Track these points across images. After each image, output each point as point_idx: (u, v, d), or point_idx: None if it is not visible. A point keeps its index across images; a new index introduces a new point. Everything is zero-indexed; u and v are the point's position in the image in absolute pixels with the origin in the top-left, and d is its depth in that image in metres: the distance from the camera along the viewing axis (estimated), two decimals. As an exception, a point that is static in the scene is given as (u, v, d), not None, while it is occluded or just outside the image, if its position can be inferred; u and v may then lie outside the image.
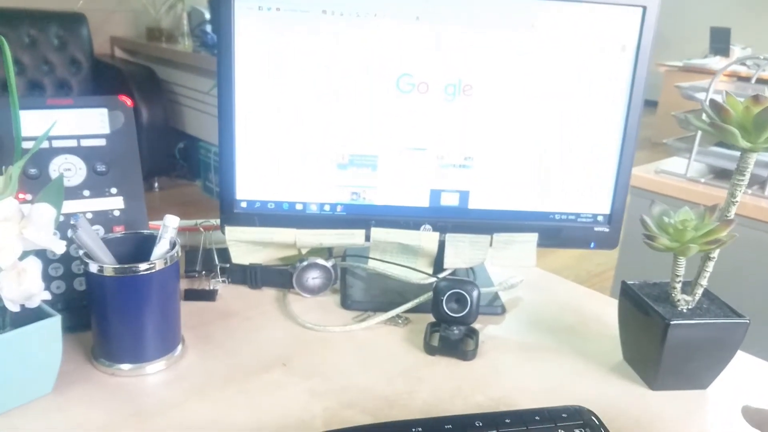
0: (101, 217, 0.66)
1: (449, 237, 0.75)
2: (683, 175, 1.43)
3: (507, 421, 0.49)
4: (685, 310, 0.60)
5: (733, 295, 0.63)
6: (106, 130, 0.67)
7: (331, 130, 0.70)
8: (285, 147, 0.71)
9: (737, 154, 0.57)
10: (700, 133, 1.41)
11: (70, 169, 0.64)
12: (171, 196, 3.17)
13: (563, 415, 0.51)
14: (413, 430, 0.48)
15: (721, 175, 1.46)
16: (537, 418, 0.50)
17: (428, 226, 0.75)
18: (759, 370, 0.67)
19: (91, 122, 0.66)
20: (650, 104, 5.47)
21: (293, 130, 0.70)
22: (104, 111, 0.67)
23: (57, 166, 0.64)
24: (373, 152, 0.71)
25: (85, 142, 0.65)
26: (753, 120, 0.53)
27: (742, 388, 0.62)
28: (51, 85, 2.95)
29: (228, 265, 0.75)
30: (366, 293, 0.76)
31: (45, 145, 0.63)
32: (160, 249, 0.59)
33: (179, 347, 0.62)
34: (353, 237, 0.74)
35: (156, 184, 3.25)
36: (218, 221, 0.74)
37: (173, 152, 3.20)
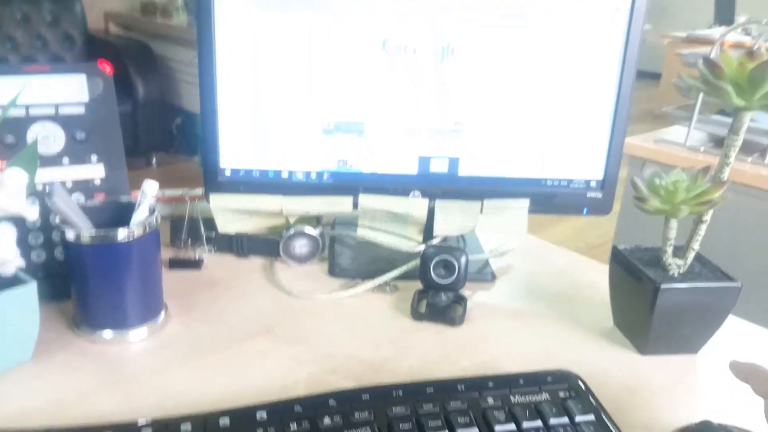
0: (82, 186, 0.64)
1: (439, 204, 0.73)
2: (682, 144, 1.41)
3: (490, 384, 0.49)
4: (676, 275, 0.58)
5: (733, 263, 0.62)
6: (85, 98, 0.65)
7: (315, 95, 0.69)
8: (268, 113, 0.69)
9: None
10: (700, 100, 1.39)
11: (49, 137, 0.63)
12: (169, 173, 3.16)
13: (548, 378, 0.50)
14: (394, 393, 0.47)
15: (721, 143, 1.43)
16: (521, 381, 0.49)
17: (417, 193, 0.73)
18: (750, 334, 0.66)
19: (70, 89, 0.65)
20: (653, 76, 5.40)
21: (276, 95, 0.68)
22: (83, 77, 0.65)
23: (35, 134, 0.62)
24: (359, 118, 0.70)
25: (63, 110, 0.64)
26: (747, 77, 0.51)
27: (732, 352, 0.61)
28: (45, 61, 2.92)
29: (214, 235, 0.74)
30: (354, 261, 0.75)
31: (22, 112, 0.62)
32: (138, 216, 0.58)
33: (162, 315, 0.61)
34: (341, 204, 0.73)
35: (154, 161, 3.24)
36: (206, 191, 0.73)
37: (170, 128, 3.19)
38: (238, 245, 0.74)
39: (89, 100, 0.65)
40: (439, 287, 0.65)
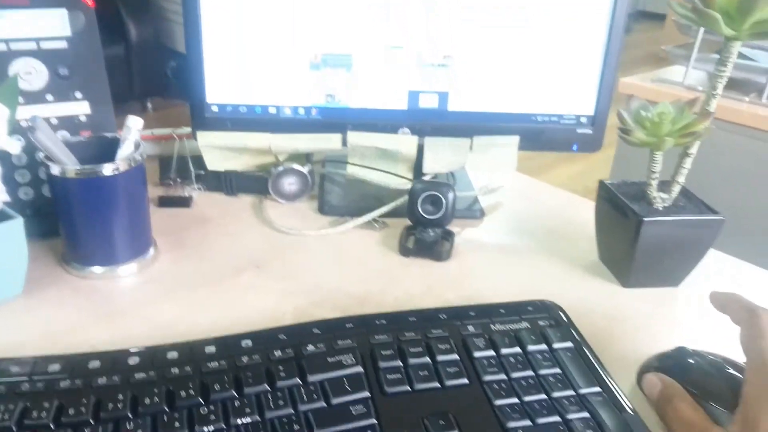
0: (67, 123, 0.64)
1: (428, 141, 0.73)
2: (681, 83, 1.39)
3: (471, 314, 0.50)
4: (660, 208, 0.59)
5: (729, 202, 0.62)
6: (67, 32, 0.64)
7: (301, 27, 0.67)
8: (254, 46, 0.68)
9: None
10: (699, 39, 1.36)
11: (31, 73, 0.62)
12: (165, 117, 3.13)
13: (528, 308, 0.51)
14: (377, 322, 0.48)
15: (719, 82, 1.42)
16: (502, 311, 0.50)
17: (407, 130, 0.73)
18: (730, 267, 0.67)
19: (51, 24, 0.63)
20: (659, 17, 5.29)
21: (261, 28, 0.67)
22: (64, 12, 0.64)
23: (17, 70, 0.61)
24: (347, 51, 0.69)
25: (45, 45, 0.63)
26: (737, 4, 0.50)
27: (713, 286, 0.62)
28: (35, 2, 2.85)
29: (203, 173, 0.74)
30: (344, 199, 0.75)
31: (3, 47, 0.61)
32: (124, 151, 0.58)
33: (151, 250, 0.61)
34: (329, 141, 0.72)
35: (149, 105, 3.20)
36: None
37: (165, 71, 3.14)
38: (227, 183, 0.75)
39: (71, 34, 0.64)
40: (426, 223, 0.66)
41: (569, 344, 0.47)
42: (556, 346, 0.47)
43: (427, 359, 0.45)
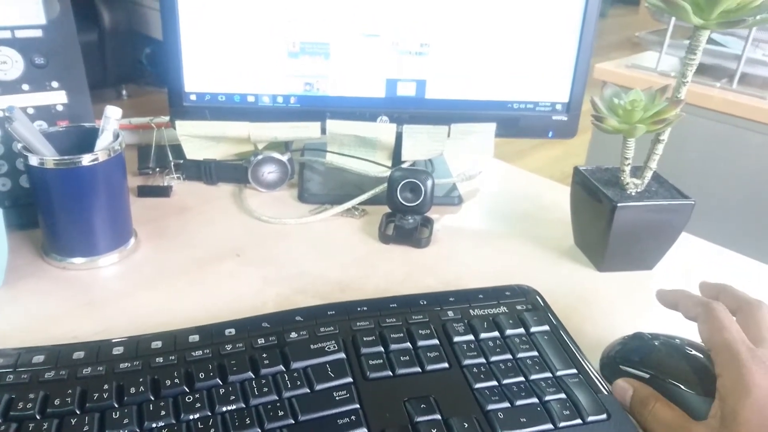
0: (44, 112, 0.64)
1: (407, 128, 0.74)
2: (654, 69, 1.41)
3: (451, 299, 0.51)
4: (633, 193, 0.60)
5: (701, 187, 0.64)
6: (42, 20, 0.63)
7: (279, 15, 0.67)
8: (232, 34, 0.68)
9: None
10: (672, 25, 1.38)
11: (6, 62, 0.62)
12: (141, 104, 3.09)
13: (506, 293, 0.52)
14: (359, 308, 0.49)
15: (692, 68, 1.44)
16: (480, 296, 0.51)
17: (385, 118, 0.73)
18: (703, 250, 0.69)
19: (26, 12, 0.63)
20: (632, 2, 5.33)
21: (240, 15, 0.67)
22: (38, -1, 0.63)
23: (-9, 59, 0.61)
24: (324, 39, 0.69)
25: (20, 33, 0.62)
26: (706, -6, 0.52)
27: (685, 267, 0.64)
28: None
29: (182, 161, 0.74)
30: (324, 187, 0.75)
31: (-24, 37, 0.60)
32: (102, 141, 0.57)
33: (132, 240, 0.61)
34: (308, 130, 0.73)
35: (124, 92, 3.16)
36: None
37: (140, 58, 3.09)
38: (206, 172, 0.75)
39: (46, 22, 0.63)
40: (405, 210, 0.66)
41: (546, 328, 0.49)
42: (533, 329, 0.48)
43: (408, 344, 0.46)
